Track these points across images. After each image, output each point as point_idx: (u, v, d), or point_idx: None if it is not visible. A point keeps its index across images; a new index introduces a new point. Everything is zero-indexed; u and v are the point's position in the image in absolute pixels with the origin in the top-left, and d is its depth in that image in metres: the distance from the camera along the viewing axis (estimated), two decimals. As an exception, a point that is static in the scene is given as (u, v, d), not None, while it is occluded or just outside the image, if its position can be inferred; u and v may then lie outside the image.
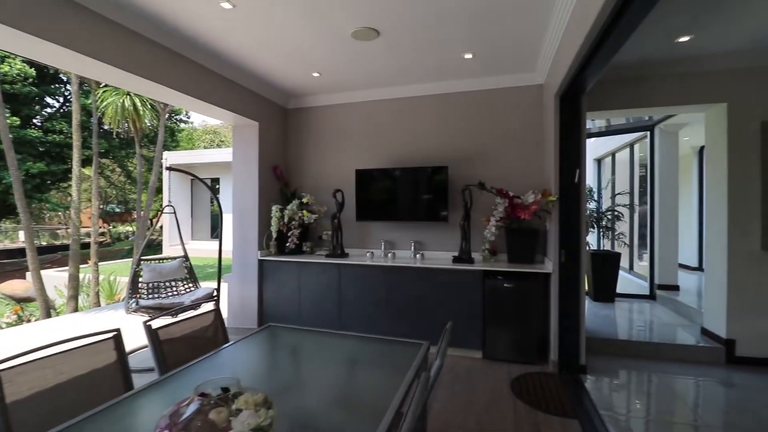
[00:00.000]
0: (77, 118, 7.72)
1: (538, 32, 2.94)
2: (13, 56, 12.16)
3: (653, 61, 3.42)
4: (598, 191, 6.35)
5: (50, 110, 14.72)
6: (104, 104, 8.27)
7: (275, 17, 2.73)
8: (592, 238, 6.28)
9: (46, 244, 18.57)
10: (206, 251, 12.16)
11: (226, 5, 2.57)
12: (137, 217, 9.30)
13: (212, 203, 14.51)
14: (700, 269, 6.85)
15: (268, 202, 4.23)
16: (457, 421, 2.46)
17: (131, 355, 3.49)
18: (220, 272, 3.84)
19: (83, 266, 8.61)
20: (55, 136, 13.76)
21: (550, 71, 3.30)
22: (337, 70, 3.70)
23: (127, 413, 1.33)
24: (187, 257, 3.98)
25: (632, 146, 6.06)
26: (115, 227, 20.58)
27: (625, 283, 5.59)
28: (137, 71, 2.80)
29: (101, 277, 8.25)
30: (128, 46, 2.72)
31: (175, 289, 3.85)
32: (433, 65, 3.58)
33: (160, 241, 15.92)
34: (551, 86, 3.24)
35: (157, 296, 3.72)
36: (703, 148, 6.83)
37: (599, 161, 7.68)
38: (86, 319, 5.07)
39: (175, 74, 3.12)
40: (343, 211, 4.11)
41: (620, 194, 6.06)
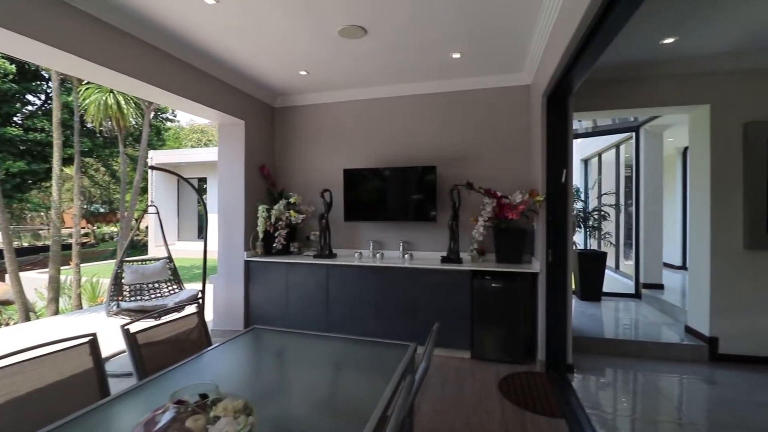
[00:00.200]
0: (58, 115, 7.53)
1: (525, 32, 2.94)
2: (-9, 52, 11.81)
3: (638, 62, 3.45)
4: (584, 191, 6.42)
5: (31, 108, 14.34)
6: (86, 102, 8.07)
7: (260, 13, 2.68)
8: (579, 237, 6.35)
9: (27, 245, 18.12)
10: (193, 252, 11.98)
11: (209, 0, 2.51)
12: (121, 217, 9.11)
13: (199, 203, 14.31)
14: (683, 268, 6.97)
15: (254, 202, 4.17)
16: (445, 422, 2.45)
17: (112, 359, 3.40)
18: (205, 273, 3.76)
19: (65, 268, 8.40)
20: (36, 134, 13.40)
21: (537, 71, 3.31)
22: (324, 68, 3.66)
23: (101, 421, 1.28)
24: (170, 258, 3.89)
25: (618, 147, 6.14)
26: (99, 228, 20.17)
27: (611, 282, 5.65)
28: (118, 67, 2.71)
29: (83, 278, 8.06)
30: (107, 41, 2.64)
31: (158, 291, 3.77)
32: (421, 65, 3.56)
33: (145, 241, 15.67)
34: (539, 86, 3.25)
35: (139, 298, 3.64)
36: (686, 148, 6.95)
37: (586, 162, 7.77)
38: (67, 322, 4.94)
39: (157, 71, 3.04)
40: (331, 211, 4.07)
41: (606, 194, 6.12)
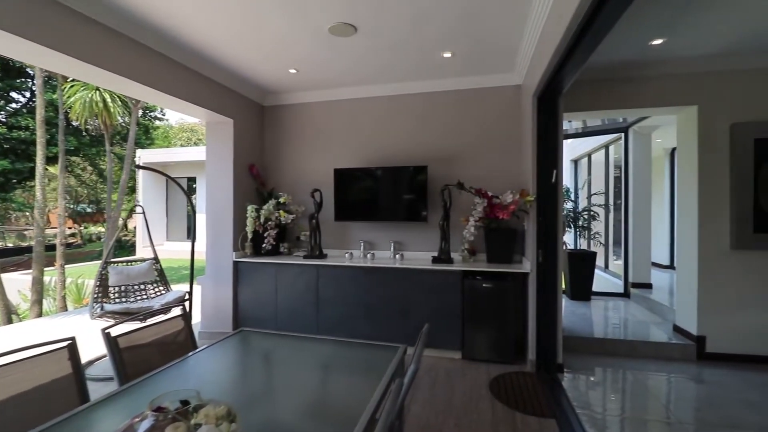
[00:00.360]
0: (41, 113, 7.36)
1: (516, 32, 2.93)
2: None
3: (628, 63, 3.47)
4: (574, 191, 6.46)
5: (15, 105, 14.01)
6: (71, 99, 7.91)
7: (249, 9, 2.63)
8: (569, 237, 6.39)
9: (12, 245, 17.70)
10: (182, 252, 11.83)
11: (195, -4, 2.46)
12: (107, 217, 8.94)
13: (188, 203, 14.14)
14: (671, 267, 7.06)
15: (243, 201, 4.11)
16: (435, 423, 2.43)
17: (97, 362, 3.32)
18: (192, 274, 3.69)
19: (50, 269, 8.23)
20: (20, 132, 13.11)
21: (528, 72, 3.31)
22: (314, 66, 3.62)
23: (79, 428, 1.23)
24: (157, 259, 3.82)
25: (607, 147, 6.19)
26: (86, 228, 19.79)
27: (600, 281, 5.70)
28: (103, 64, 2.64)
29: (68, 280, 7.89)
30: (92, 37, 2.57)
31: (144, 292, 3.69)
32: (412, 64, 3.54)
33: (134, 242, 15.43)
34: (529, 87, 3.25)
35: (124, 300, 3.56)
36: (674, 149, 7.05)
37: (576, 162, 7.83)
38: (50, 324, 4.82)
39: (143, 68, 2.97)
40: (321, 211, 4.03)
41: (596, 194, 6.18)
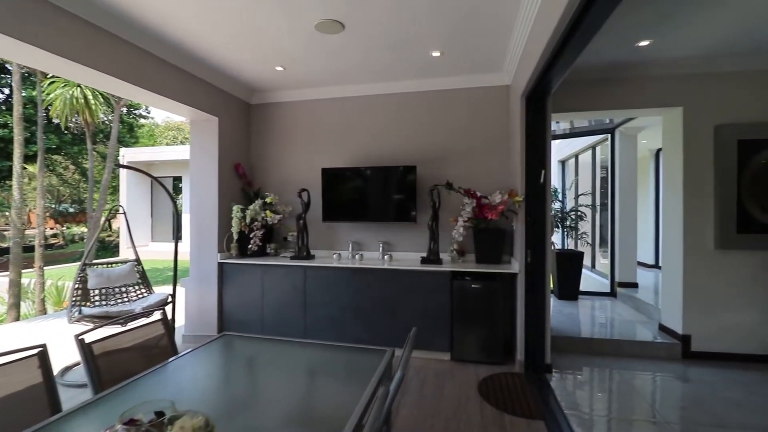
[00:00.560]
0: (19, 110, 7.13)
1: (504, 31, 2.92)
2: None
3: (615, 64, 3.49)
4: (562, 192, 6.51)
5: (-7, 102, 13.59)
6: (51, 96, 7.68)
7: (233, 3, 2.56)
8: (556, 237, 6.43)
9: (-9, 246, 17.17)
10: (167, 253, 11.60)
11: (177, -10, 2.39)
12: (89, 217, 8.71)
13: (173, 203, 13.89)
14: (656, 266, 7.17)
15: (228, 201, 4.02)
16: (424, 427, 2.40)
17: (75, 368, 3.21)
18: (175, 276, 3.60)
19: (28, 270, 7.98)
20: (-2, 129, 12.73)
21: (516, 72, 3.30)
22: (301, 64, 3.56)
23: (47, 442, 1.16)
24: (138, 261, 3.71)
25: (594, 148, 6.25)
26: (69, 228, 19.30)
27: (587, 281, 5.75)
28: (83, 61, 2.54)
29: (48, 282, 7.67)
30: (72, 33, 2.46)
31: (125, 295, 3.59)
32: (401, 62, 3.51)
33: (117, 242, 15.10)
34: (518, 87, 3.25)
35: (104, 303, 3.45)
36: (659, 150, 7.16)
37: (563, 163, 7.89)
38: (27, 328, 4.66)
39: (125, 64, 2.87)
40: (309, 211, 3.97)
41: (583, 195, 6.23)
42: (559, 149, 7.53)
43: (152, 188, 13.31)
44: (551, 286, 4.01)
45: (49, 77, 7.94)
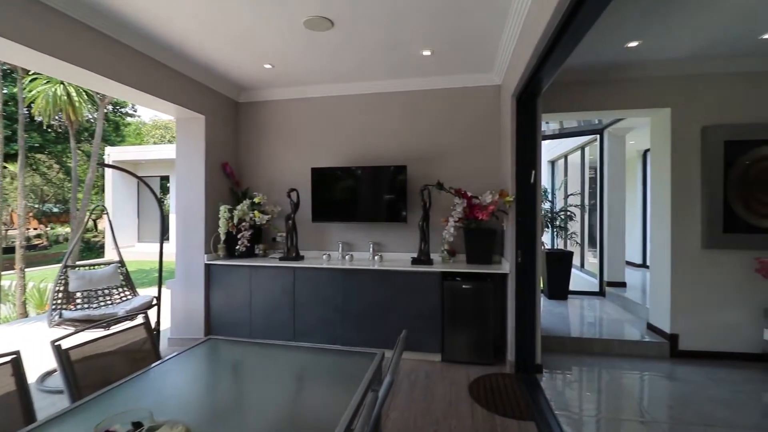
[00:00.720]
0: (-1, 107, 6.92)
1: (495, 31, 2.90)
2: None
3: (604, 65, 3.51)
4: (551, 192, 6.55)
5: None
6: (32, 94, 7.48)
7: None
8: (546, 237, 6.46)
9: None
10: (154, 254, 11.40)
11: (161, -16, 2.32)
12: (72, 217, 8.49)
13: (162, 203, 13.69)
14: (644, 266, 7.26)
15: (216, 201, 3.94)
16: (414, 430, 2.37)
17: (55, 374, 3.11)
18: (161, 278, 3.51)
19: (9, 273, 7.76)
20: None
21: (507, 71, 3.29)
22: (290, 62, 3.50)
23: (17, 456, 1.10)
24: (122, 262, 3.62)
25: (583, 149, 6.30)
26: (53, 228, 18.86)
27: (577, 280, 5.78)
28: (65, 57, 2.45)
29: (30, 284, 7.47)
30: (53, 27, 2.38)
31: (108, 298, 3.49)
32: (391, 61, 3.47)
33: (103, 243, 14.81)
34: (508, 87, 3.24)
35: (86, 306, 3.35)
36: (647, 151, 7.25)
37: (553, 163, 7.95)
38: (7, 332, 4.52)
39: (109, 61, 2.79)
40: (298, 211, 3.91)
41: (572, 195, 6.27)
42: (548, 150, 7.58)
43: (139, 188, 13.08)
44: (541, 285, 4.01)
45: (30, 74, 7.73)
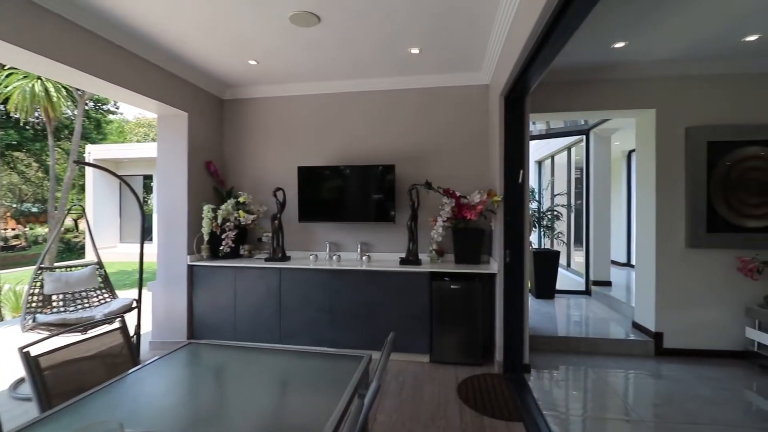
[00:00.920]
0: (-28, 103, 6.66)
1: (483, 30, 2.88)
2: None
3: (591, 66, 3.53)
4: (539, 192, 6.59)
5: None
6: (8, 89, 7.22)
7: (201, -7, 2.43)
8: (533, 237, 6.50)
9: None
10: (137, 255, 11.15)
11: (139, -26, 2.23)
12: (50, 217, 8.22)
13: (146, 202, 13.38)
14: (628, 265, 7.37)
15: (199, 201, 3.84)
16: (402, 433, 2.34)
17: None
18: (141, 280, 3.40)
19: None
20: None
21: (495, 71, 3.28)
22: (276, 58, 3.43)
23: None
24: (100, 264, 3.50)
25: (570, 149, 6.35)
26: (32, 229, 18.29)
27: (563, 279, 5.83)
28: (40, 50, 2.35)
29: (6, 286, 7.20)
30: (27, 20, 2.27)
31: (86, 301, 3.37)
32: (379, 59, 3.43)
33: (84, 244, 14.41)
34: (496, 86, 3.23)
35: (63, 310, 3.23)
36: (631, 151, 7.35)
37: (540, 163, 8.01)
38: (-22, 337, 4.33)
39: (87, 55, 2.68)
40: (284, 211, 3.84)
41: (559, 195, 6.32)
42: (535, 150, 7.63)
43: (121, 187, 12.77)
44: (529, 285, 4.02)
45: (6, 68, 7.47)
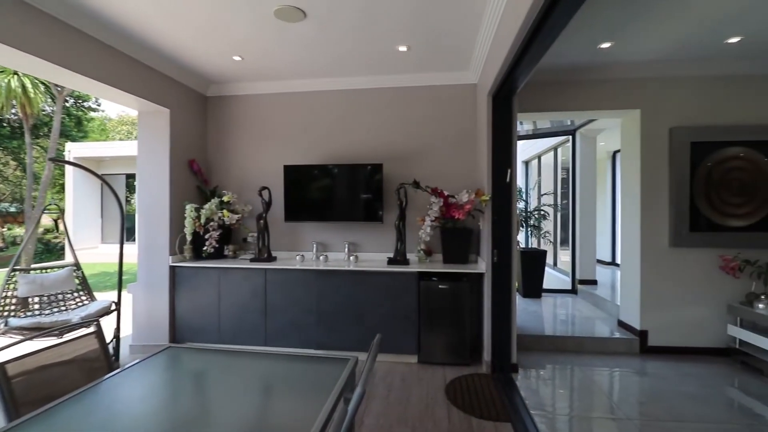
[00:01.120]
0: (-57, 98, 6.40)
1: (471, 28, 2.87)
2: None
3: (577, 66, 3.55)
4: (526, 192, 6.64)
5: None
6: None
7: (182, -14, 2.35)
8: (520, 236, 6.54)
9: None
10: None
11: (117, -35, 2.15)
12: (27, 217, 7.94)
13: (129, 202, 13.07)
14: (613, 264, 7.47)
15: (181, 200, 3.74)
16: (389, 436, 2.30)
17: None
18: (120, 281, 3.29)
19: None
20: None
21: (483, 70, 3.28)
22: (261, 54, 3.36)
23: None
24: (78, 265, 3.38)
25: (556, 149, 6.41)
26: (10, 229, 17.69)
27: (550, 278, 5.88)
28: (15, 44, 2.26)
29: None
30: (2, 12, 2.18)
31: (63, 303, 3.25)
32: (366, 56, 3.39)
33: (63, 244, 14.01)
34: (484, 85, 3.22)
35: (38, 313, 3.11)
36: (616, 152, 7.46)
37: (527, 163, 8.07)
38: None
39: (64, 49, 2.57)
40: (270, 210, 3.77)
41: (546, 194, 6.38)
42: (522, 150, 7.68)
43: (102, 186, 12.45)
44: (516, 284, 4.03)
45: (-21, 63, 7.20)
